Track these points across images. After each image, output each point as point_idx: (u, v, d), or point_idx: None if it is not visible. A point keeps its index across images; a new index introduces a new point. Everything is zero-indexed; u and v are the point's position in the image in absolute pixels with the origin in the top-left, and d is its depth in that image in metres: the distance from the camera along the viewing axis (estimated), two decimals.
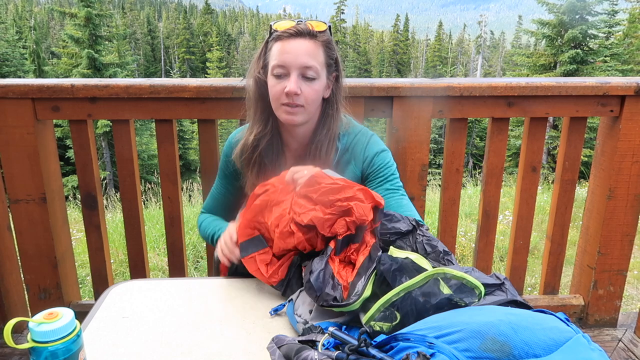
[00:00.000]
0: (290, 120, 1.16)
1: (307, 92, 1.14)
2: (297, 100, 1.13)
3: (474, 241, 1.91)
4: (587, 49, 16.54)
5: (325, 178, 1.00)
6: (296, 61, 1.12)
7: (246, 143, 1.24)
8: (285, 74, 1.13)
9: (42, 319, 0.69)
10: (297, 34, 1.13)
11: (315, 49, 1.14)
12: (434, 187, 6.83)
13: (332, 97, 1.22)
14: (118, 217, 4.72)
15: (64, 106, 1.60)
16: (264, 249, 1.03)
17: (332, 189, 0.97)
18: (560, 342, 0.62)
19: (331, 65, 1.19)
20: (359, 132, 1.28)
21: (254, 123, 1.24)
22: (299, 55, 1.12)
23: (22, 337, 1.75)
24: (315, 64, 1.13)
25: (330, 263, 0.93)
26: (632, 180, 1.71)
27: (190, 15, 71.96)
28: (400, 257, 0.86)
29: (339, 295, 0.87)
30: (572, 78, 1.69)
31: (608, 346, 1.76)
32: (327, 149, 1.22)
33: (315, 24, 1.15)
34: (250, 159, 1.25)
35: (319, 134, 1.23)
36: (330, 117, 1.23)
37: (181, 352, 0.84)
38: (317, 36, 1.14)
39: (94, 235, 1.78)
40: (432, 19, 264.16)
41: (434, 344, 0.63)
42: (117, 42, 19.15)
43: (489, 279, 0.83)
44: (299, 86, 1.12)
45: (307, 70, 1.13)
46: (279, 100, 1.15)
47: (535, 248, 4.09)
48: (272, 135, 1.24)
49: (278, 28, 1.15)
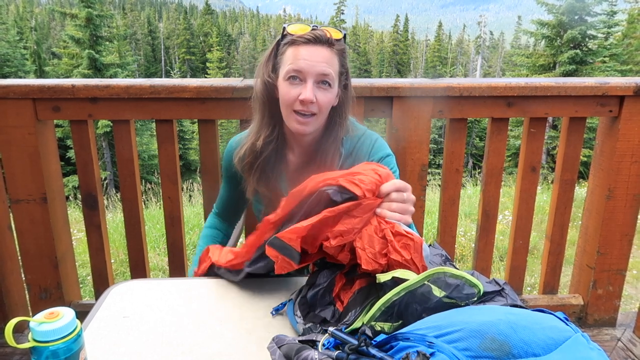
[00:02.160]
0: (302, 130, 1.14)
1: (321, 100, 1.11)
2: (311, 108, 1.11)
3: (474, 241, 1.91)
4: (586, 49, 16.55)
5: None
6: (313, 68, 1.09)
7: (252, 148, 1.21)
8: (300, 81, 1.10)
9: (43, 318, 0.70)
10: (315, 40, 1.10)
11: (332, 58, 1.11)
12: (434, 187, 6.83)
13: (340, 106, 1.20)
14: (118, 217, 4.72)
15: (64, 106, 1.60)
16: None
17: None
18: (559, 341, 0.63)
19: (343, 74, 1.17)
20: (362, 135, 1.26)
21: (261, 127, 1.21)
22: (316, 62, 1.09)
23: (23, 337, 1.75)
24: (332, 72, 1.11)
25: (337, 280, 0.90)
26: (631, 180, 1.72)
27: (190, 15, 71.99)
28: (386, 280, 0.80)
29: (329, 316, 0.86)
30: (571, 78, 1.69)
31: (607, 346, 1.76)
32: (332, 156, 1.21)
33: (333, 32, 1.12)
34: (253, 164, 1.22)
35: (324, 142, 1.21)
36: (337, 125, 1.21)
37: (182, 352, 0.85)
38: (334, 44, 1.12)
39: (95, 235, 1.78)
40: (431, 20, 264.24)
41: (433, 343, 0.63)
42: (117, 43, 19.17)
43: (489, 286, 0.83)
44: (314, 94, 1.10)
45: (323, 78, 1.10)
46: (291, 107, 1.12)
47: (534, 248, 4.09)
48: (278, 140, 1.21)
49: (294, 32, 1.11)
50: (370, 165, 0.96)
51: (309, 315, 0.86)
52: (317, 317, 0.86)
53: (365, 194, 0.86)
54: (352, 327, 0.79)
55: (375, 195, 0.88)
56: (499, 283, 0.84)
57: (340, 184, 0.86)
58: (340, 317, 0.85)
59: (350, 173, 0.90)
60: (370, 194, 0.87)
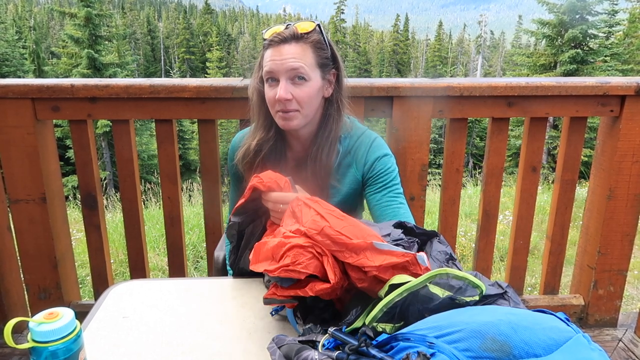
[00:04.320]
0: (287, 125, 1.17)
1: (298, 95, 1.14)
2: (289, 105, 1.14)
3: (474, 241, 1.91)
4: (587, 48, 16.55)
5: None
6: (282, 66, 1.12)
7: (249, 148, 1.25)
8: (275, 81, 1.14)
9: (42, 318, 0.69)
10: (283, 40, 1.13)
11: (302, 51, 1.13)
12: (434, 187, 6.83)
13: (333, 96, 1.22)
14: (118, 217, 4.72)
15: (63, 106, 1.60)
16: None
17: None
18: (560, 341, 0.62)
19: (326, 65, 1.18)
20: (361, 134, 1.27)
21: (257, 129, 1.26)
22: (284, 60, 1.12)
23: (22, 337, 1.75)
24: (303, 65, 1.13)
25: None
26: (632, 180, 1.71)
27: (190, 15, 72.01)
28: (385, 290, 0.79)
29: (329, 316, 0.85)
30: (572, 78, 1.69)
31: (608, 346, 1.76)
32: (328, 152, 1.22)
33: (301, 26, 1.15)
34: (253, 163, 1.25)
35: (320, 136, 1.22)
36: (331, 117, 1.22)
37: (181, 352, 0.84)
38: (302, 38, 1.14)
39: (94, 235, 1.78)
40: (432, 19, 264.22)
41: (434, 343, 0.63)
42: (117, 42, 19.18)
43: (492, 289, 0.82)
44: (288, 91, 1.12)
45: (294, 73, 1.12)
46: (274, 107, 1.16)
47: (535, 248, 4.09)
48: (276, 140, 1.25)
49: (266, 36, 1.16)
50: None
51: (309, 316, 0.86)
52: (317, 318, 0.86)
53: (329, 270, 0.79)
54: (353, 327, 0.79)
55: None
56: (501, 286, 0.84)
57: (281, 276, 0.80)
58: (340, 317, 0.84)
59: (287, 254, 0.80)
60: (320, 235, 0.80)
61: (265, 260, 0.83)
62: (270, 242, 0.83)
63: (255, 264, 0.85)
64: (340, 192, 1.27)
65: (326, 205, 0.88)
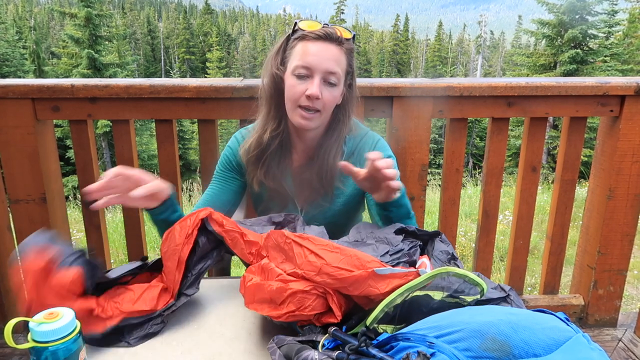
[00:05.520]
0: (305, 125, 1.14)
1: (327, 97, 1.13)
2: (316, 104, 1.12)
3: (474, 241, 1.91)
4: (587, 48, 16.55)
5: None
6: (322, 65, 1.10)
7: (259, 141, 1.22)
8: (307, 76, 1.11)
9: (42, 319, 0.69)
10: (325, 37, 1.11)
11: (340, 56, 1.13)
12: (434, 187, 6.84)
13: (344, 104, 1.21)
14: (118, 217, 4.72)
15: (64, 106, 1.60)
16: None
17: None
18: (560, 341, 0.62)
19: (349, 74, 1.19)
20: (365, 135, 1.27)
21: (268, 120, 1.22)
22: (325, 59, 1.10)
23: (22, 337, 1.74)
24: (339, 70, 1.12)
25: None
26: (632, 180, 1.71)
27: (190, 15, 72.00)
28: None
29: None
30: (572, 78, 1.69)
31: (608, 346, 1.76)
32: (335, 154, 1.22)
33: (343, 31, 1.14)
34: (260, 158, 1.23)
35: (328, 139, 1.22)
36: (340, 122, 1.22)
37: (181, 352, 0.84)
38: (343, 43, 1.13)
39: (94, 235, 1.78)
40: (432, 19, 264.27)
41: (434, 343, 0.63)
42: (117, 42, 19.18)
43: (495, 293, 0.83)
44: (320, 90, 1.11)
45: (330, 75, 1.11)
46: (296, 102, 1.13)
47: (535, 248, 4.09)
48: (283, 135, 1.22)
49: (304, 27, 1.13)
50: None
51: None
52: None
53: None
54: (354, 331, 0.79)
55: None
56: (504, 289, 0.84)
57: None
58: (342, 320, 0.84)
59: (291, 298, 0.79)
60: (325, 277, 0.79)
61: (263, 302, 0.82)
62: (266, 285, 0.81)
63: (252, 304, 0.84)
64: (344, 193, 1.27)
65: (318, 240, 0.85)
